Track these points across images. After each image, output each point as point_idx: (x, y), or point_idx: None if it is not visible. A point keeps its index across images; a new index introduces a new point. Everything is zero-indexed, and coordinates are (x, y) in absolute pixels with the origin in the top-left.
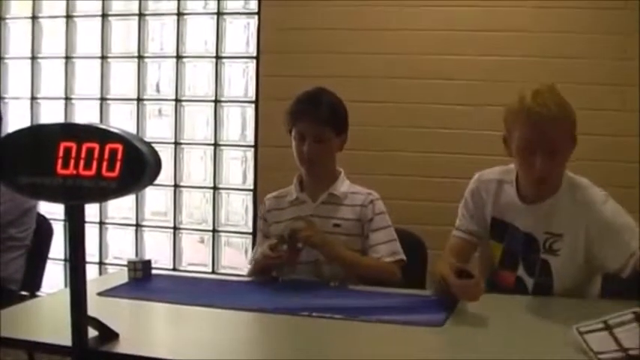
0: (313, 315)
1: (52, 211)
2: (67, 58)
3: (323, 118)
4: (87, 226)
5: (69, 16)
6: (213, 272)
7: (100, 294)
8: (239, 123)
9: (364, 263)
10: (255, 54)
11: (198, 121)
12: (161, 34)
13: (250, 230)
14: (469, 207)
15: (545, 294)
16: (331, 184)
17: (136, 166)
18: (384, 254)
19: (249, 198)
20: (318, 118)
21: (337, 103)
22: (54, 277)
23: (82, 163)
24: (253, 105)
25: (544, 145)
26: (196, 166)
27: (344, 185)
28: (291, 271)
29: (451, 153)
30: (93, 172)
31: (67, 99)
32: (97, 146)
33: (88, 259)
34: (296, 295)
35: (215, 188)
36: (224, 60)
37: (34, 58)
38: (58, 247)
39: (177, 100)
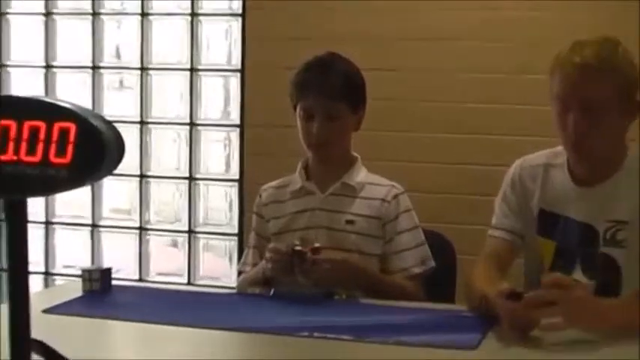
0: (315, 335)
1: None
2: (0, 14)
3: (336, 90)
4: (30, 227)
5: None
6: (189, 283)
7: (45, 311)
8: (221, 97)
9: (387, 283)
10: (240, 10)
11: (169, 95)
12: None
13: (236, 230)
14: (509, 199)
15: (610, 297)
16: (345, 171)
17: (92, 151)
18: (413, 263)
19: (233, 190)
20: (329, 90)
21: (353, 73)
22: None
23: (23, 146)
24: (239, 74)
25: (577, 100)
26: (168, 151)
27: (360, 174)
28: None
29: (490, 134)
30: (38, 157)
31: (2, 66)
32: (42, 125)
33: (31, 267)
34: (292, 310)
35: (191, 179)
36: (201, 18)
37: None
38: None
39: (142, 69)
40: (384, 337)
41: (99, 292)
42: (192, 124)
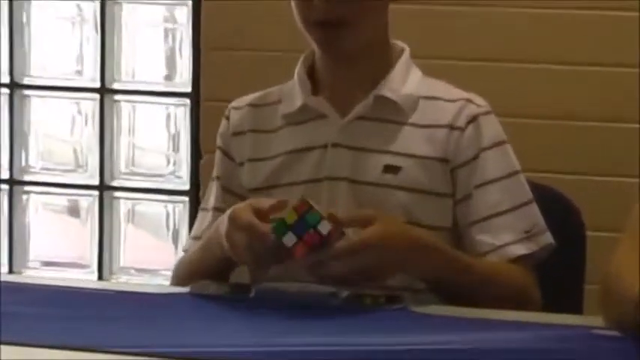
0: None
1: None
2: None
3: None
4: None
5: None
6: (100, 278)
7: None
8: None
9: (480, 271)
10: None
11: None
12: None
13: (185, 186)
14: None
15: None
16: (380, 76)
17: None
18: (511, 238)
19: (180, 113)
20: None
21: None
22: None
23: None
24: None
25: None
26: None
27: (411, 79)
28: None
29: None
30: None
31: None
32: None
33: None
34: (290, 325)
35: (104, 90)
36: None
37: None
38: None
39: None
40: None
41: None
42: (103, 90)
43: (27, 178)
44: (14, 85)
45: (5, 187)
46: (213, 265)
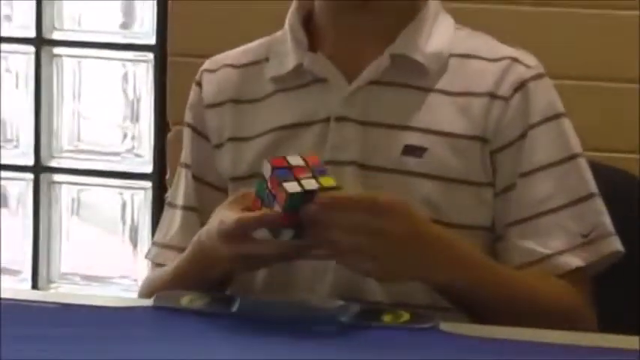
0: None
1: None
2: None
3: None
4: None
5: None
6: (35, 287)
7: None
8: None
9: (517, 284)
10: None
11: None
12: None
13: (147, 167)
14: None
15: None
16: (399, 26)
17: None
18: (565, 244)
19: (141, 72)
20: None
21: None
22: None
23: None
24: None
25: None
26: None
27: (440, 31)
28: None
29: None
30: None
31: None
32: None
33: None
34: (283, 346)
35: (40, 42)
36: None
37: None
38: None
39: None
40: None
41: None
42: (39, 41)
43: None
44: None
45: None
46: (210, 285)
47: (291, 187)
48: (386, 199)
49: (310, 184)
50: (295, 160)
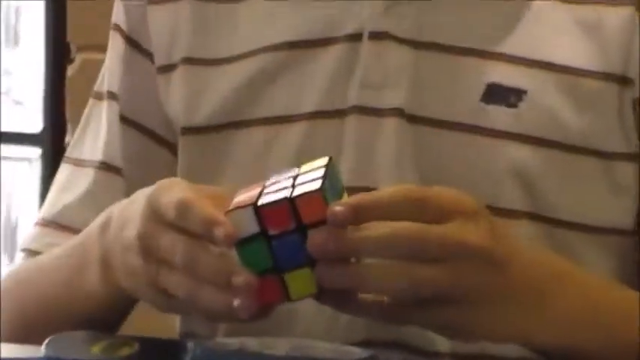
0: None
1: None
2: None
3: None
4: None
5: None
6: None
7: None
8: None
9: None
10: None
11: None
12: None
13: (34, 127)
14: None
15: None
16: None
17: None
18: None
19: None
20: None
21: None
22: None
23: None
24: None
25: None
26: None
27: None
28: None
29: None
30: None
31: None
32: None
33: None
34: None
35: None
36: None
37: None
38: None
39: None
40: None
41: None
42: None
43: None
44: None
45: None
46: (98, 295)
47: (306, 187)
48: (460, 237)
49: (312, 175)
50: (249, 193)
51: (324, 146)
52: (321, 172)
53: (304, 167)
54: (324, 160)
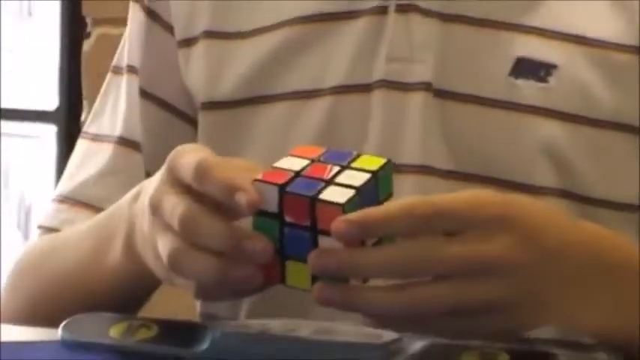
0: None
1: None
2: None
3: None
4: None
5: None
6: None
7: None
8: None
9: None
10: None
11: None
12: None
13: (51, 104)
14: None
15: None
16: None
17: None
18: None
19: None
20: None
21: None
22: None
23: None
24: None
25: None
26: None
27: None
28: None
29: None
30: None
31: None
32: None
33: None
34: None
35: None
36: None
37: None
38: None
39: None
40: None
41: None
42: None
43: None
44: None
45: None
46: (121, 271)
47: (335, 194)
48: (490, 199)
49: (355, 178)
50: (292, 163)
51: (349, 121)
52: (363, 179)
53: (360, 159)
54: (381, 161)
